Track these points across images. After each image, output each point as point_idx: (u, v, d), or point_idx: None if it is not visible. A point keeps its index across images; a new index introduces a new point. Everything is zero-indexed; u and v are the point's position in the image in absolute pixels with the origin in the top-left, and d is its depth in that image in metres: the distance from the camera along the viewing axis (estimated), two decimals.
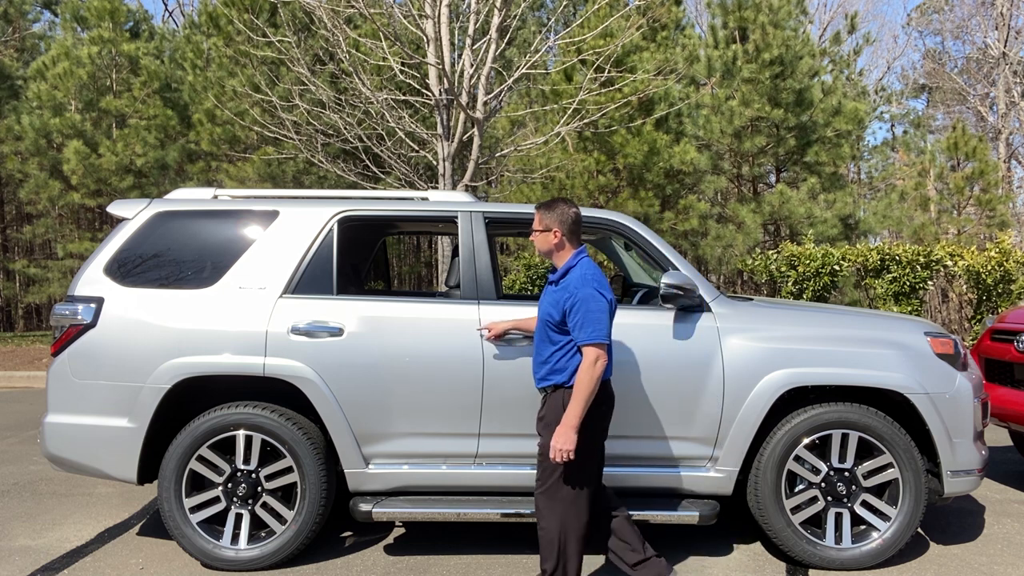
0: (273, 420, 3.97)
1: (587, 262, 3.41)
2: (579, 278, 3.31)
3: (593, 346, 3.19)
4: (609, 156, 14.52)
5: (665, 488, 4.08)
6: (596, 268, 3.39)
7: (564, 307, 3.29)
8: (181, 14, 28.02)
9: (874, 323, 4.24)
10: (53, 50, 16.68)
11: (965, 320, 12.39)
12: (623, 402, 3.99)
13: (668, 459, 4.07)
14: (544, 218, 3.45)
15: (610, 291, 3.34)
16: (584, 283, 3.28)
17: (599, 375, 3.19)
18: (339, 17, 10.11)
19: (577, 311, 3.24)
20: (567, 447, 3.15)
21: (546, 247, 3.47)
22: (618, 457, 4.05)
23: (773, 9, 15.12)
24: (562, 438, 3.16)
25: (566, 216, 3.43)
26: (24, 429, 7.80)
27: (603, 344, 3.20)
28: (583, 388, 3.17)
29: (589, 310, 3.22)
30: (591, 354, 3.18)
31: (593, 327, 3.20)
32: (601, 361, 3.19)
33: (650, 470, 4.06)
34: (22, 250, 23.84)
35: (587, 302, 3.23)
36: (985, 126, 27.86)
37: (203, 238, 4.20)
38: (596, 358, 3.18)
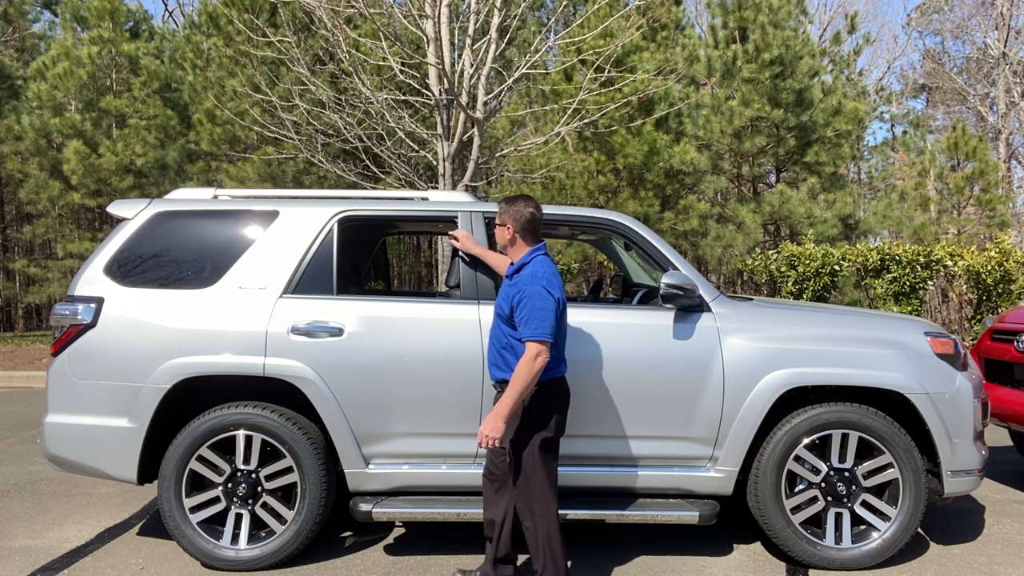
0: (273, 420, 3.97)
1: (541, 260, 3.47)
2: (529, 275, 3.39)
3: (535, 342, 3.25)
4: (609, 156, 14.52)
5: (665, 488, 4.08)
6: (549, 267, 3.45)
7: (512, 302, 3.38)
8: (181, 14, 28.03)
9: (874, 323, 4.24)
10: (53, 50, 16.67)
11: (965, 320, 12.39)
12: (623, 402, 3.99)
13: (668, 459, 4.07)
14: (502, 214, 3.57)
15: (560, 291, 3.39)
16: (533, 280, 3.35)
17: (538, 370, 3.25)
18: (339, 17, 10.11)
19: (524, 307, 3.31)
20: (495, 435, 3.22)
21: (502, 242, 3.59)
22: (618, 457, 4.05)
23: (773, 9, 15.12)
24: (491, 425, 3.22)
25: (521, 214, 3.52)
26: (24, 429, 7.80)
27: (545, 341, 3.26)
28: (520, 380, 3.23)
29: (535, 307, 3.29)
30: (532, 349, 3.25)
31: (537, 324, 3.27)
32: (541, 357, 3.25)
33: (650, 470, 4.06)
34: (22, 250, 23.84)
35: (533, 299, 3.30)
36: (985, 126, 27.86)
37: (203, 238, 4.20)
38: (536, 354, 3.25)
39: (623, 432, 4.02)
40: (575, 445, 4.03)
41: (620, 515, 3.96)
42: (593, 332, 4.04)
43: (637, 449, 4.04)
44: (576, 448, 4.04)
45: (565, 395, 3.53)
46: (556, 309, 3.34)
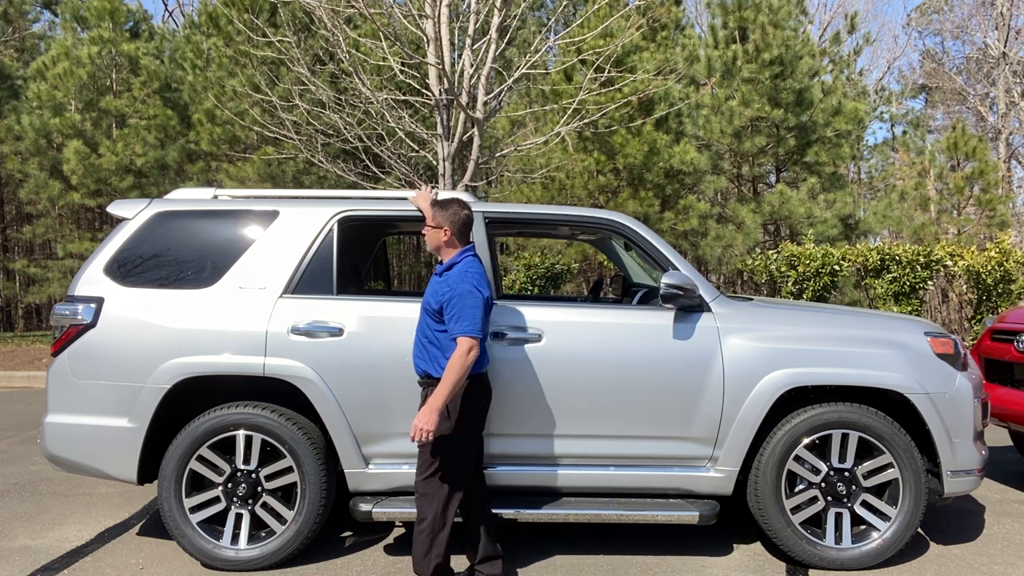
0: (273, 420, 3.97)
1: (471, 260, 3.60)
2: (460, 274, 3.51)
3: (467, 338, 3.38)
4: (609, 156, 14.52)
5: (665, 488, 4.08)
6: (479, 266, 3.61)
7: (443, 299, 3.48)
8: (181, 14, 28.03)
9: (874, 323, 4.24)
10: (53, 50, 16.67)
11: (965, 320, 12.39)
12: (623, 402, 3.99)
13: (668, 459, 4.07)
14: (437, 216, 3.63)
15: (488, 289, 3.54)
16: (464, 279, 3.48)
17: (470, 364, 3.38)
18: (339, 17, 10.11)
19: (454, 305, 3.43)
20: (428, 427, 3.31)
21: (435, 243, 3.65)
22: (618, 457, 4.06)
23: (773, 9, 15.12)
24: (425, 418, 3.31)
25: (458, 217, 3.63)
26: (24, 429, 7.80)
27: (476, 337, 3.39)
28: (453, 374, 3.34)
29: (466, 305, 3.42)
30: (464, 344, 3.38)
31: (468, 321, 3.40)
32: (473, 352, 3.38)
33: (650, 470, 4.06)
34: (22, 250, 23.84)
35: (464, 297, 3.43)
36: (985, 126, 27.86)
37: (203, 238, 4.20)
38: (469, 348, 3.37)
39: (623, 432, 4.02)
40: (575, 445, 4.04)
41: (620, 515, 3.95)
42: (593, 332, 4.04)
43: (637, 449, 4.04)
44: (576, 448, 4.04)
45: (487, 392, 3.67)
46: (484, 308, 3.47)
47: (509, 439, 4.03)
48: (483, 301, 3.47)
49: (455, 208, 3.64)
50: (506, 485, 4.07)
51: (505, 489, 4.10)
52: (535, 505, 3.99)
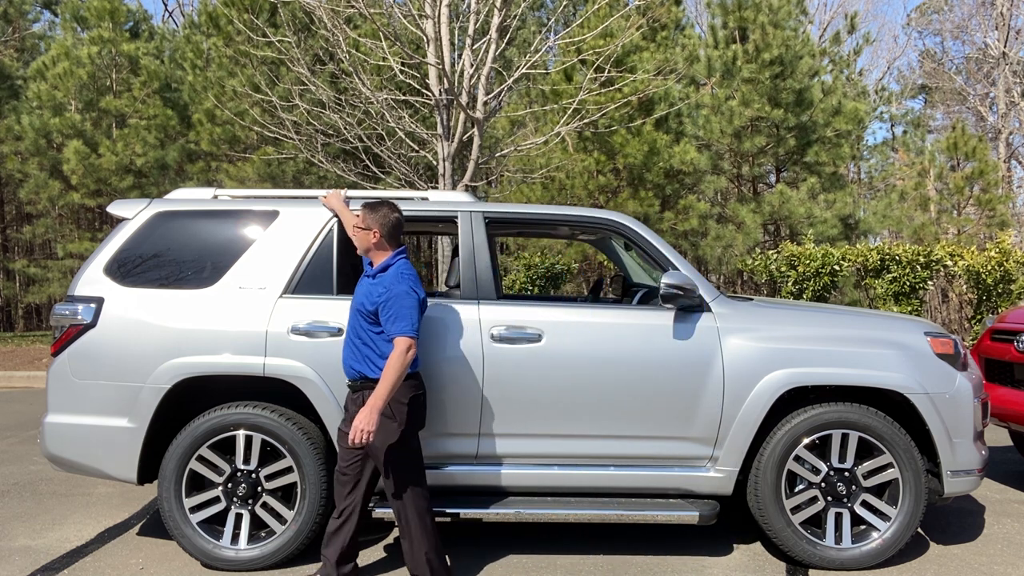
0: (273, 420, 3.97)
1: (405, 262, 3.66)
2: (396, 275, 3.56)
3: (405, 337, 3.42)
4: (609, 156, 14.52)
5: (665, 488, 4.08)
6: (411, 268, 3.66)
7: (378, 300, 3.51)
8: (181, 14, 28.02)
9: (874, 323, 4.24)
10: (53, 50, 16.67)
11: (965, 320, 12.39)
12: (623, 402, 3.99)
13: (668, 459, 4.07)
14: (367, 218, 3.65)
15: (423, 290, 3.60)
16: (400, 280, 3.53)
17: (408, 364, 3.42)
18: (339, 17, 10.11)
19: (391, 306, 3.47)
20: (370, 427, 3.34)
21: (365, 245, 3.67)
22: (618, 457, 4.06)
23: (773, 9, 15.12)
24: (367, 419, 3.34)
25: (388, 219, 3.66)
26: (24, 429, 7.80)
27: (414, 337, 3.45)
28: (392, 374, 3.38)
29: (403, 305, 3.46)
30: (403, 344, 3.42)
31: (406, 321, 3.45)
32: (412, 351, 3.44)
33: (650, 470, 4.06)
34: (22, 250, 23.84)
35: (402, 298, 3.48)
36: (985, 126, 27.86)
37: (203, 238, 4.20)
38: (407, 348, 3.42)
39: (623, 432, 4.02)
40: (575, 445, 4.04)
41: (620, 515, 3.95)
42: (593, 332, 4.04)
43: (637, 449, 4.04)
44: (576, 448, 4.04)
45: (423, 389, 3.69)
46: (421, 308, 3.54)
47: (509, 439, 4.03)
48: (419, 302, 3.53)
49: (385, 211, 3.67)
50: (506, 485, 4.07)
51: (505, 489, 4.10)
52: (535, 505, 3.99)
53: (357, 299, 3.63)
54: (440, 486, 4.07)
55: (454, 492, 4.11)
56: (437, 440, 4.03)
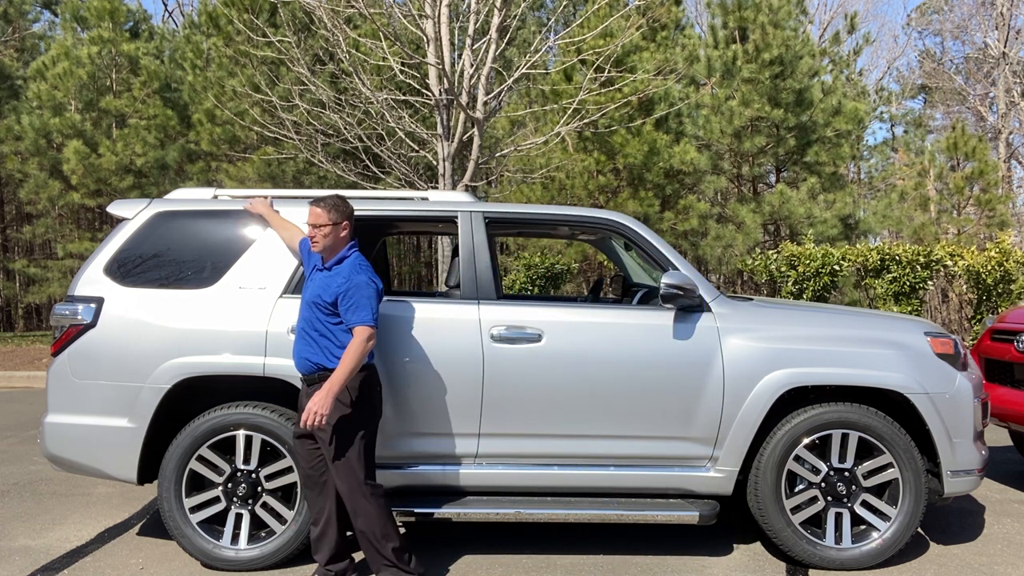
0: (273, 420, 3.97)
1: (359, 255, 3.71)
2: (354, 266, 3.62)
3: (365, 327, 3.49)
4: (609, 156, 14.52)
5: (665, 488, 4.08)
6: (365, 260, 3.71)
7: (338, 291, 3.54)
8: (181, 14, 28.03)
9: (874, 323, 4.24)
10: (53, 50, 16.66)
11: (965, 320, 12.39)
12: (623, 402, 3.99)
13: (668, 459, 4.07)
14: (333, 213, 3.67)
15: (379, 282, 3.64)
16: (359, 270, 3.59)
17: (365, 352, 3.49)
18: (339, 17, 10.11)
19: (352, 295, 3.52)
20: (324, 411, 3.38)
21: (334, 241, 3.68)
22: (618, 457, 4.06)
23: (773, 9, 15.12)
24: (321, 401, 3.38)
25: (351, 209, 3.74)
26: (24, 429, 7.80)
27: (373, 327, 3.51)
28: (350, 361, 3.44)
29: (363, 295, 3.52)
30: (363, 333, 3.48)
31: (366, 310, 3.51)
32: (371, 341, 3.50)
33: (650, 470, 4.06)
34: (22, 250, 23.84)
35: (361, 288, 3.53)
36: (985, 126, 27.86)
37: (203, 238, 4.20)
38: (368, 337, 3.49)
39: (623, 432, 4.02)
40: (575, 445, 4.04)
41: (620, 515, 3.96)
42: (593, 332, 4.04)
43: (637, 449, 4.04)
44: (576, 448, 4.04)
45: (378, 382, 3.74)
46: (378, 298, 3.58)
47: (509, 439, 4.03)
48: (377, 292, 3.58)
49: (347, 203, 3.74)
50: (506, 485, 4.07)
51: (505, 489, 4.10)
52: (535, 505, 3.99)
53: (312, 292, 3.64)
54: (440, 486, 4.07)
55: (454, 492, 4.11)
56: (437, 440, 4.03)
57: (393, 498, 4.04)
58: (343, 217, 3.68)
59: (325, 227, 3.65)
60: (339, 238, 3.68)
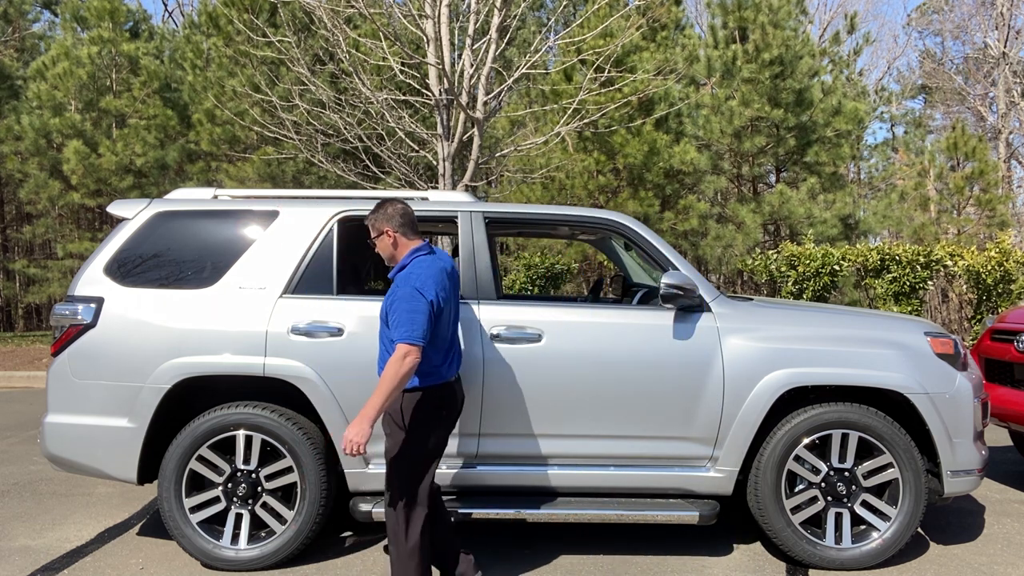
0: (273, 420, 3.97)
1: (419, 260, 3.39)
2: (404, 276, 3.33)
3: (403, 345, 3.17)
4: (609, 156, 14.52)
5: (665, 488, 4.08)
6: (427, 268, 3.34)
7: (386, 305, 3.33)
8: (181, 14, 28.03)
9: (874, 323, 4.24)
10: (53, 50, 16.66)
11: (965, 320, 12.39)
12: (623, 402, 3.99)
13: (668, 459, 4.07)
14: (376, 224, 3.48)
15: (435, 291, 3.27)
16: (406, 282, 3.28)
17: (406, 372, 3.15)
18: (339, 17, 10.11)
19: (395, 310, 3.25)
20: (360, 440, 3.08)
21: (387, 251, 3.49)
22: (618, 457, 4.06)
23: (773, 9, 15.12)
24: (356, 430, 3.08)
25: (395, 212, 3.46)
26: (24, 429, 7.80)
27: (414, 345, 3.17)
28: (386, 383, 3.13)
29: (403, 310, 3.21)
30: (400, 351, 3.16)
31: (407, 327, 3.18)
32: (410, 358, 3.15)
33: (650, 470, 4.06)
34: (22, 250, 23.83)
35: (403, 302, 3.23)
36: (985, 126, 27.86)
37: (203, 238, 4.20)
38: (404, 354, 3.15)
39: (623, 432, 4.02)
40: (575, 445, 4.04)
41: (620, 515, 3.96)
42: (593, 332, 4.04)
43: (637, 449, 4.04)
44: (577, 448, 4.04)
45: (448, 404, 3.42)
46: (429, 312, 3.23)
47: (509, 439, 4.03)
48: (427, 305, 3.22)
49: (388, 208, 3.48)
50: (506, 485, 4.07)
51: (505, 489, 4.10)
52: (535, 505, 3.99)
53: (383, 304, 3.45)
54: (440, 486, 4.07)
55: (454, 492, 4.11)
56: None
57: None
58: (383, 225, 3.46)
59: (375, 240, 3.52)
60: (389, 246, 3.47)
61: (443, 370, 3.40)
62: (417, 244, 3.49)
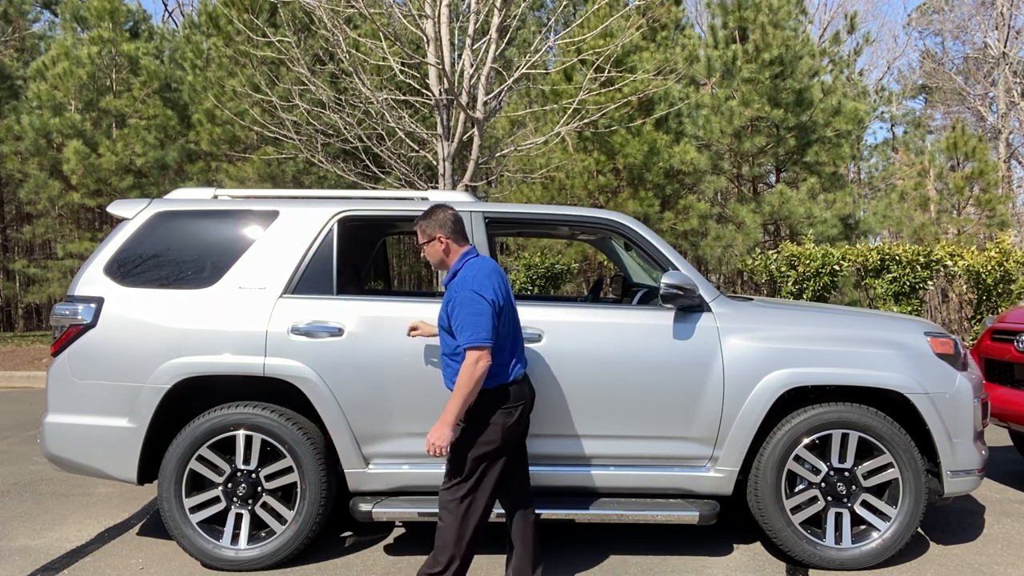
0: (273, 420, 3.97)
1: (472, 263, 3.40)
2: (459, 281, 3.32)
3: (471, 349, 3.19)
4: (609, 156, 14.52)
5: (665, 488, 4.08)
6: (480, 269, 3.35)
7: (449, 312, 3.31)
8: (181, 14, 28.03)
9: (874, 323, 4.24)
10: (53, 50, 16.67)
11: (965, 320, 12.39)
12: (623, 402, 3.99)
13: (668, 459, 4.07)
14: (428, 229, 3.45)
15: (494, 292, 3.29)
16: (463, 286, 3.28)
17: (479, 376, 3.18)
18: (339, 17, 10.11)
19: (457, 315, 3.25)
20: (441, 443, 3.15)
21: (437, 257, 3.47)
22: (618, 457, 4.06)
23: (773, 9, 15.13)
24: (437, 433, 3.16)
25: (447, 218, 3.45)
26: (24, 429, 7.80)
27: (482, 347, 3.18)
28: (461, 388, 3.17)
29: (467, 313, 3.22)
30: (471, 356, 3.18)
31: (472, 330, 3.19)
32: (482, 362, 3.18)
33: (650, 470, 4.06)
34: (22, 250, 23.84)
35: (464, 305, 3.24)
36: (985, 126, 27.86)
37: (203, 238, 4.20)
38: (476, 359, 3.18)
39: (623, 432, 4.02)
40: (576, 445, 4.03)
41: (620, 515, 3.96)
42: (593, 332, 4.04)
43: (637, 449, 4.04)
44: (577, 448, 4.04)
45: (521, 399, 3.40)
46: (491, 312, 3.24)
47: None
48: (488, 306, 3.23)
49: (439, 214, 3.46)
50: None
51: None
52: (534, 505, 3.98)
53: (439, 314, 3.44)
54: (439, 487, 4.06)
55: None
56: None
57: (394, 498, 4.05)
58: (435, 231, 3.43)
59: (424, 246, 3.48)
60: (440, 252, 3.44)
61: (509, 369, 3.39)
62: (467, 248, 3.48)
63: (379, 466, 4.05)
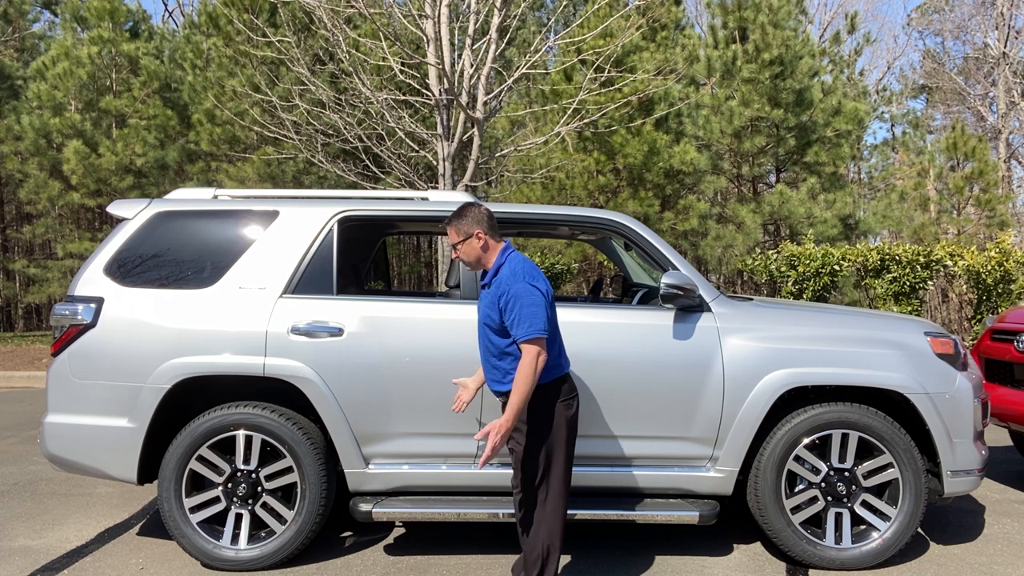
0: (273, 420, 3.97)
1: (515, 256, 3.37)
2: (510, 274, 3.27)
3: (530, 342, 3.15)
4: (609, 156, 14.52)
5: (665, 488, 4.08)
6: (525, 261, 3.34)
7: (500, 306, 3.25)
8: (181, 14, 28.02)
9: (874, 323, 4.24)
10: (53, 50, 16.67)
11: (965, 320, 12.39)
12: (623, 402, 3.99)
13: (668, 459, 4.07)
14: (461, 227, 3.38)
15: (544, 282, 3.28)
16: (515, 278, 3.23)
17: (539, 369, 3.16)
18: (339, 17, 10.11)
19: (512, 308, 3.19)
20: (499, 435, 3.11)
21: (474, 255, 3.40)
22: (618, 457, 4.06)
23: (773, 9, 15.13)
24: (500, 426, 3.13)
25: (483, 215, 3.39)
26: (24, 429, 7.80)
27: (540, 339, 3.16)
28: (522, 384, 3.13)
29: (523, 305, 3.17)
30: (531, 350, 3.14)
31: (529, 322, 3.15)
32: (541, 356, 3.16)
33: (650, 470, 4.06)
34: (22, 250, 23.84)
35: (520, 297, 3.18)
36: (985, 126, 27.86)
37: (203, 238, 4.20)
38: (537, 353, 3.15)
39: (623, 432, 4.02)
40: (576, 445, 4.03)
41: (620, 515, 3.95)
42: (593, 332, 4.04)
43: (637, 449, 4.04)
44: (578, 448, 4.03)
45: (573, 393, 3.40)
46: (546, 303, 3.22)
47: None
48: (542, 298, 3.20)
49: (475, 210, 3.39)
50: (506, 485, 4.07)
51: (505, 489, 4.09)
52: None
53: (482, 312, 3.37)
54: (440, 486, 4.07)
55: (455, 492, 4.11)
56: (439, 440, 4.03)
57: (394, 498, 4.05)
58: (472, 227, 3.36)
59: (459, 245, 3.40)
60: (478, 249, 3.38)
61: (562, 361, 3.38)
62: (504, 244, 3.44)
63: (379, 466, 4.05)
